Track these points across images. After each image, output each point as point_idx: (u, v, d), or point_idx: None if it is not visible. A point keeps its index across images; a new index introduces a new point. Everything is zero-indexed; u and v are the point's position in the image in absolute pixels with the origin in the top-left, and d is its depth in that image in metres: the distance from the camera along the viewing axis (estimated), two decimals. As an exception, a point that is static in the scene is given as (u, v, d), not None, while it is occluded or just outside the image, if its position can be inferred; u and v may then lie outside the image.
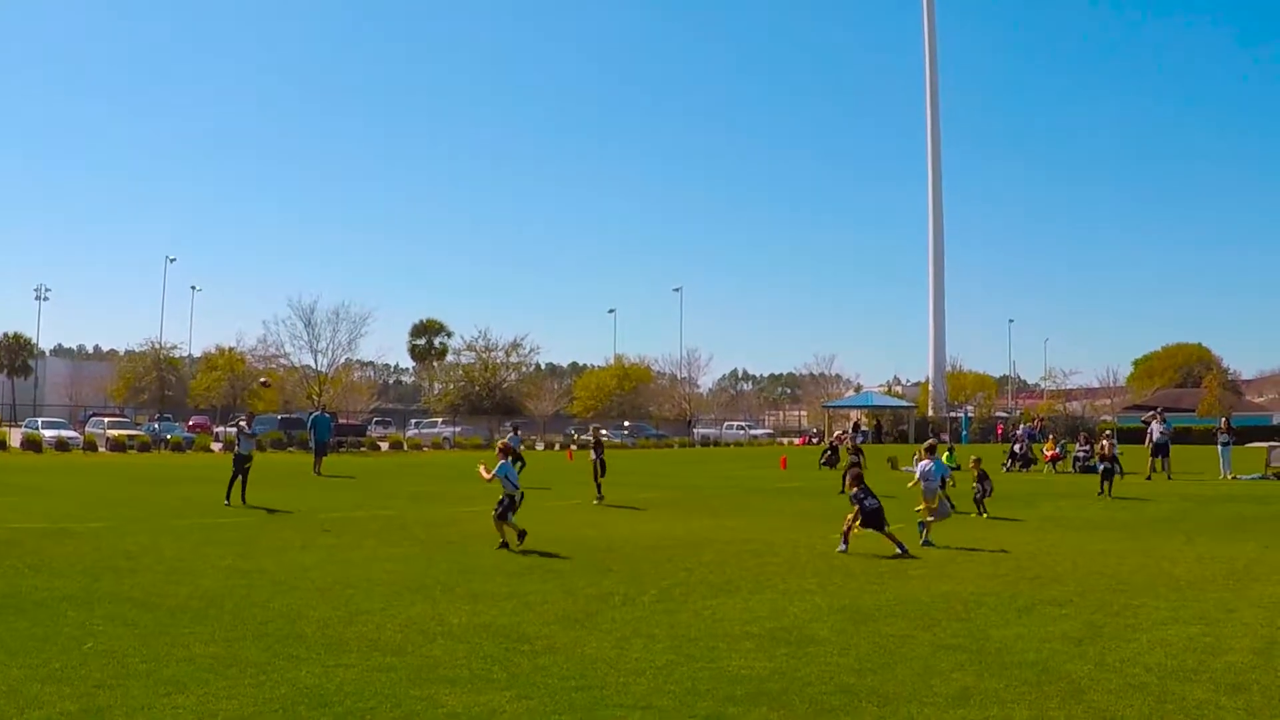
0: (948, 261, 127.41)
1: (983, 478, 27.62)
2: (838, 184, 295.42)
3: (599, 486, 31.38)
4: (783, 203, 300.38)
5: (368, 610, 13.31)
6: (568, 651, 11.24)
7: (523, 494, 21.18)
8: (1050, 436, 54.95)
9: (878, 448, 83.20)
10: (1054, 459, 48.73)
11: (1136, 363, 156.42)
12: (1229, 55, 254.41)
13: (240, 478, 28.59)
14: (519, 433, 47.11)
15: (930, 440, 26.15)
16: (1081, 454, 49.03)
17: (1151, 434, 44.53)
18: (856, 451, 36.79)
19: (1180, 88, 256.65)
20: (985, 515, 26.69)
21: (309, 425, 50.71)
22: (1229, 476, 41.76)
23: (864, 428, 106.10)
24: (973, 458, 29.87)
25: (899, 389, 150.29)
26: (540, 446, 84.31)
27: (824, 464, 52.76)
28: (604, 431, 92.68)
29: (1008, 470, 47.30)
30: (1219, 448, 44.09)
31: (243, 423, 30.79)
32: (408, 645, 11.39)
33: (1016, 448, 51.44)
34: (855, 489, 20.26)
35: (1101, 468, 34.26)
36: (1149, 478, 41.76)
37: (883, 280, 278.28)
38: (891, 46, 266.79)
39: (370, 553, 19.05)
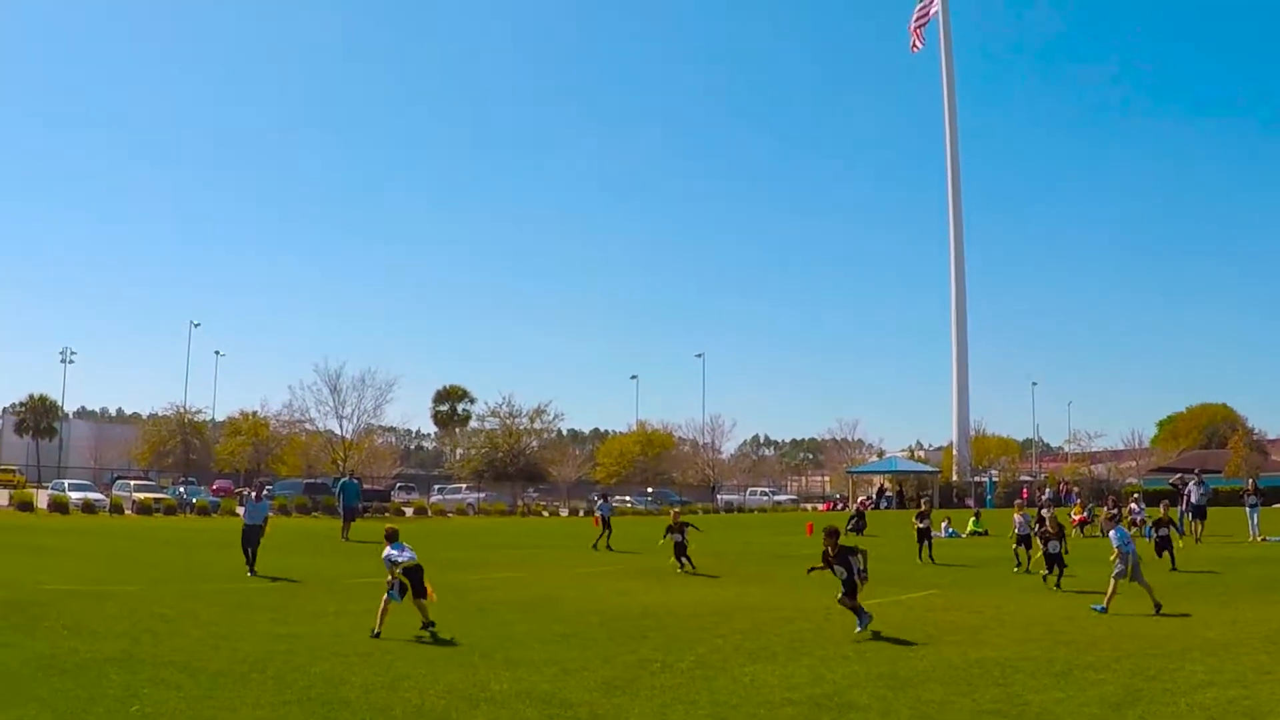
0: (970, 325, 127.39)
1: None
2: (858, 248, 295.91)
3: (683, 563, 30.29)
4: (803, 268, 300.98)
5: (409, 676, 13.38)
6: (611, 718, 11.31)
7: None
8: (1078, 500, 54.75)
9: (902, 513, 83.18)
10: (1081, 523, 48.54)
11: (1161, 424, 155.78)
12: (1252, 118, 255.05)
13: (251, 548, 27.76)
14: (609, 500, 46.35)
15: (1113, 511, 25.78)
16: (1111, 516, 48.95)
17: (1189, 496, 44.24)
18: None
19: (1204, 150, 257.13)
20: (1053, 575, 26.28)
21: (337, 491, 50.61)
22: (1258, 539, 41.54)
23: (888, 492, 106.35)
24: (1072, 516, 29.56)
25: (921, 454, 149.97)
26: (564, 513, 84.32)
27: (851, 529, 52.72)
28: (628, 499, 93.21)
29: (1035, 534, 47.08)
30: (1247, 509, 43.83)
31: (250, 493, 29.89)
32: (451, 712, 11.48)
33: (1044, 512, 51.17)
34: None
35: (1156, 535, 32.21)
36: (1198, 540, 41.43)
37: (904, 344, 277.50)
38: (912, 108, 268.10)
39: (405, 619, 19.08)
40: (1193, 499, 44.01)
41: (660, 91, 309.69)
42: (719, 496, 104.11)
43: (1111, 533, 22.06)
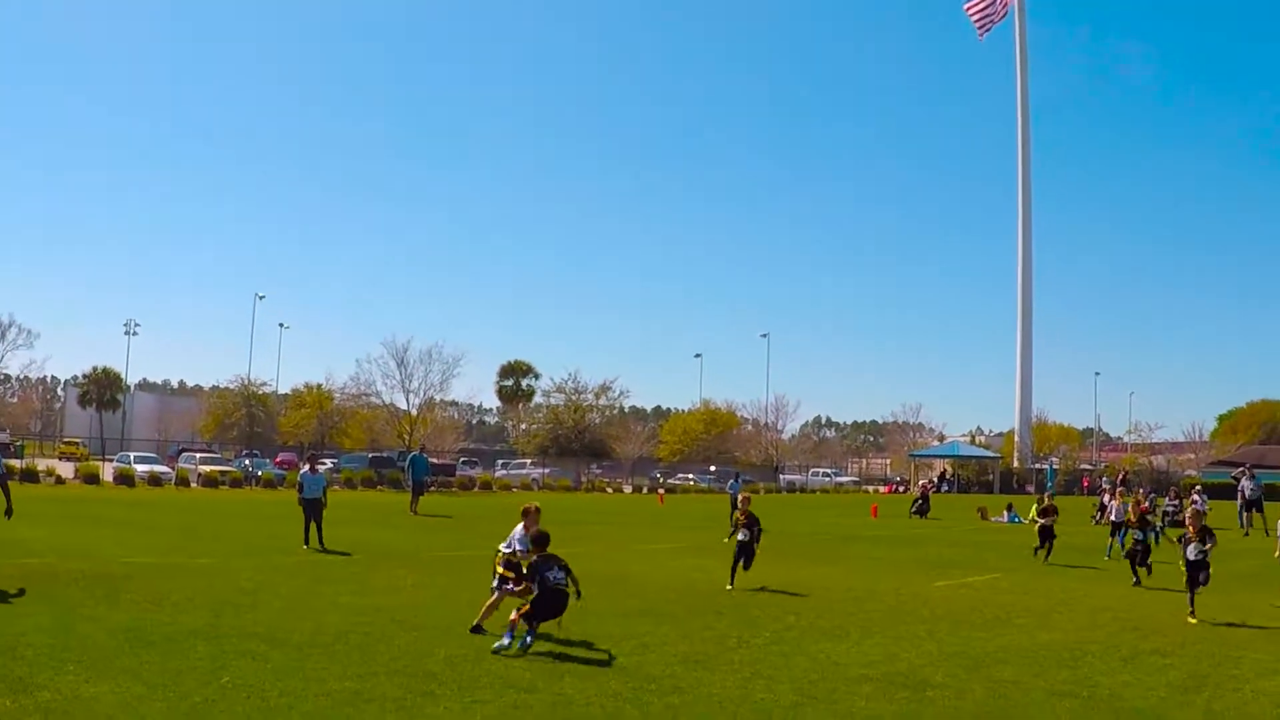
0: (1035, 314, 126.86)
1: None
2: (925, 233, 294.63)
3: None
4: (870, 251, 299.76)
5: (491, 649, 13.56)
6: (694, 691, 11.48)
7: None
8: (1137, 491, 54.39)
9: (963, 497, 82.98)
10: (1144, 513, 48.32)
11: (1221, 418, 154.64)
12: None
13: (314, 521, 27.47)
14: (739, 479, 46.48)
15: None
16: (1170, 508, 48.72)
17: (1243, 490, 44.23)
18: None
19: (1269, 145, 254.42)
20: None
21: (405, 465, 50.94)
22: None
23: (949, 476, 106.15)
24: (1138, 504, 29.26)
25: (982, 439, 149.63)
26: (628, 489, 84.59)
27: (915, 513, 52.74)
28: (690, 477, 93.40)
29: (1097, 523, 46.82)
30: None
31: (305, 468, 29.41)
32: (538, 683, 11.64)
33: (1106, 499, 50.87)
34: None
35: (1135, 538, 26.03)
36: (1246, 534, 41.42)
37: (967, 331, 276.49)
38: (983, 97, 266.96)
39: (483, 593, 19.25)
40: (1246, 493, 43.97)
41: (732, 73, 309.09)
42: (781, 476, 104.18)
43: None
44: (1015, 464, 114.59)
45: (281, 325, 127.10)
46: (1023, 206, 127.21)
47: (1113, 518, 31.75)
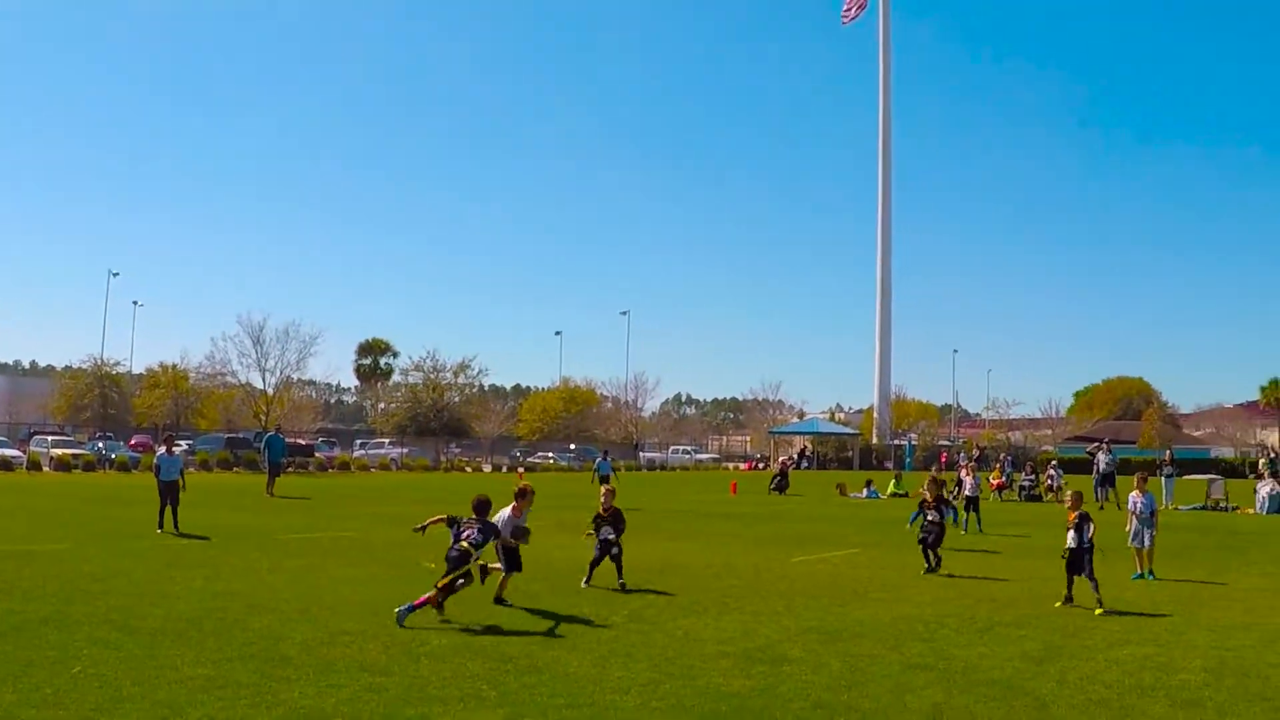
0: (894, 291, 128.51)
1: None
2: (785, 211, 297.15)
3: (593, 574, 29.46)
4: (730, 228, 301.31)
5: (348, 631, 13.46)
6: (551, 670, 11.48)
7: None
8: (996, 465, 55.44)
9: (823, 474, 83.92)
10: (1000, 487, 49.32)
11: (1077, 394, 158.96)
12: (1172, 95, 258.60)
13: (170, 505, 26.96)
14: (608, 457, 45.90)
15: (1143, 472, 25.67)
16: (1026, 483, 49.89)
17: (1098, 465, 45.23)
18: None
19: (1122, 127, 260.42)
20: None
21: (263, 445, 50.19)
22: (1172, 507, 42.37)
23: (809, 453, 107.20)
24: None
25: (841, 416, 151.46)
26: (487, 468, 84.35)
27: (774, 489, 53.19)
28: (550, 455, 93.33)
29: (954, 498, 47.54)
30: (1163, 479, 44.77)
31: (161, 450, 28.79)
32: (394, 665, 11.58)
33: (962, 475, 51.63)
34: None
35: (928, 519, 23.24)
36: (1101, 508, 42.34)
37: (827, 309, 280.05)
38: (844, 75, 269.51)
39: (339, 574, 19.18)
40: (1101, 468, 44.98)
41: (586, 51, 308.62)
42: (641, 454, 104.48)
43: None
44: (874, 440, 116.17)
45: (136, 303, 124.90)
46: (882, 184, 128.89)
47: (967, 493, 32.22)
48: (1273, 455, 65.42)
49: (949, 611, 16.04)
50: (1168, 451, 51.61)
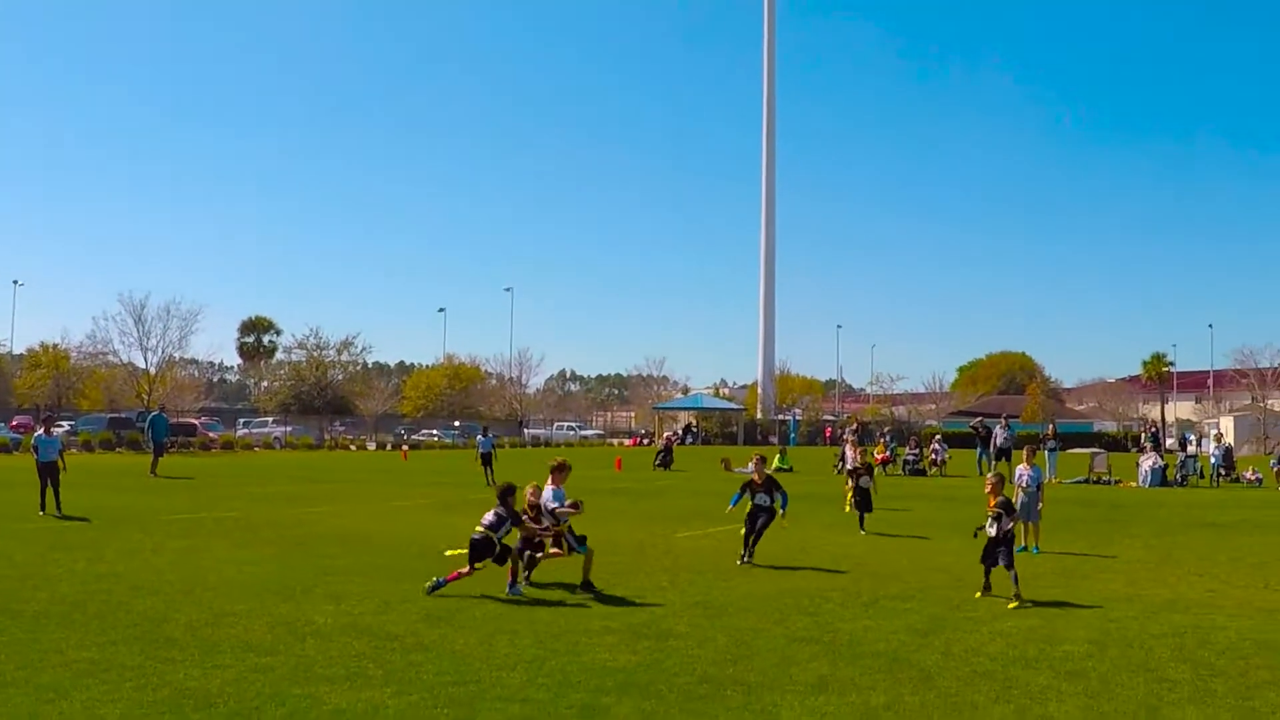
0: (778, 267, 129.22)
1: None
2: (671, 187, 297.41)
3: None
4: (616, 204, 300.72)
5: (233, 612, 13.42)
6: (437, 648, 11.53)
7: None
8: (881, 440, 56.03)
9: (707, 449, 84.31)
10: (884, 462, 49.74)
11: (961, 369, 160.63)
12: (1042, 74, 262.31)
13: (50, 486, 26.56)
14: (489, 434, 45.04)
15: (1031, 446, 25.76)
16: (911, 457, 50.47)
17: (995, 438, 45.83)
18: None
19: (1002, 103, 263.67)
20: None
21: (146, 425, 49.48)
22: (1055, 481, 43.07)
23: (694, 428, 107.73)
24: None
25: (726, 391, 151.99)
26: (371, 446, 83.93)
27: (659, 465, 53.44)
28: (435, 433, 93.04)
29: (839, 472, 47.89)
30: (1046, 453, 45.44)
31: (40, 431, 28.46)
32: (279, 645, 11.57)
33: (847, 449, 51.97)
34: None
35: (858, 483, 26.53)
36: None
37: (712, 284, 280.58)
38: (728, 50, 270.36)
39: (223, 555, 19.07)
40: (998, 441, 45.62)
41: (468, 19, 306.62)
42: (526, 431, 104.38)
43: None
44: (759, 416, 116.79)
45: (16, 282, 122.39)
46: (766, 157, 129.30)
47: (848, 466, 32.62)
48: (1154, 429, 67.02)
49: (833, 585, 16.21)
50: (1051, 425, 52.56)
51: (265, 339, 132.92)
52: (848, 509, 25.01)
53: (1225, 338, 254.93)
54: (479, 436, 43.95)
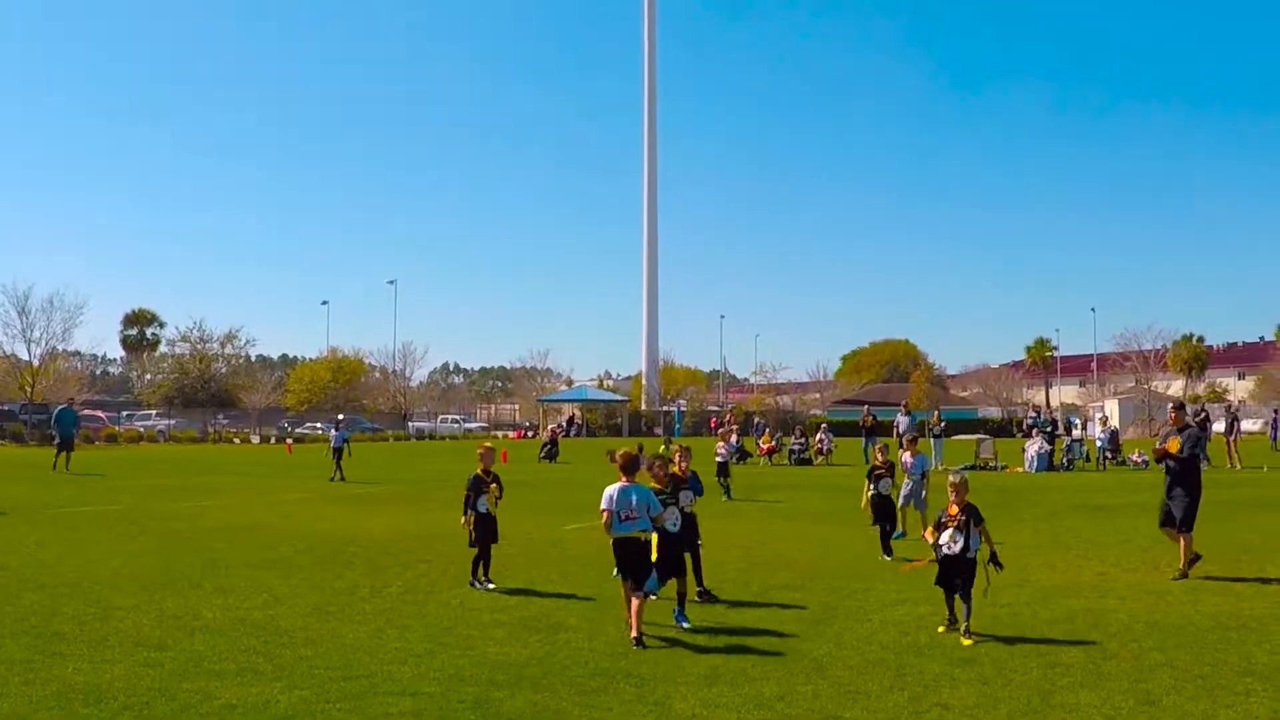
0: (660, 257, 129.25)
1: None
2: (552, 176, 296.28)
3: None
4: (497, 194, 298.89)
5: (121, 606, 13.22)
6: (327, 643, 11.42)
7: None
8: (766, 430, 56.19)
9: (593, 441, 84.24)
10: (770, 451, 50.07)
11: (845, 358, 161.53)
12: (924, 52, 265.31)
13: None
14: (344, 427, 42.94)
15: (913, 434, 25.61)
16: (796, 446, 50.67)
17: (898, 426, 45.96)
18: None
19: (882, 89, 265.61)
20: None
21: (53, 420, 47.25)
22: (940, 467, 43.51)
23: (578, 421, 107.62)
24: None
25: (610, 383, 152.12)
26: (255, 440, 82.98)
27: (544, 457, 53.30)
28: (318, 426, 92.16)
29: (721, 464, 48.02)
30: (932, 440, 45.91)
31: None
32: (169, 640, 11.42)
33: (731, 438, 52.06)
34: None
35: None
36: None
37: (595, 274, 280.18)
38: (609, 37, 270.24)
39: (109, 548, 18.78)
40: (900, 429, 45.79)
41: (349, 7, 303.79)
42: (410, 424, 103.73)
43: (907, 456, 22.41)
44: (644, 407, 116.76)
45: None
46: (648, 146, 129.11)
47: (718, 459, 32.42)
48: (1036, 414, 67.78)
49: (725, 577, 16.10)
50: (935, 412, 52.89)
51: (149, 332, 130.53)
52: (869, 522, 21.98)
53: (1108, 321, 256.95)
54: (332, 430, 42.62)
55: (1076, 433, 55.69)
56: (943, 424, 48.04)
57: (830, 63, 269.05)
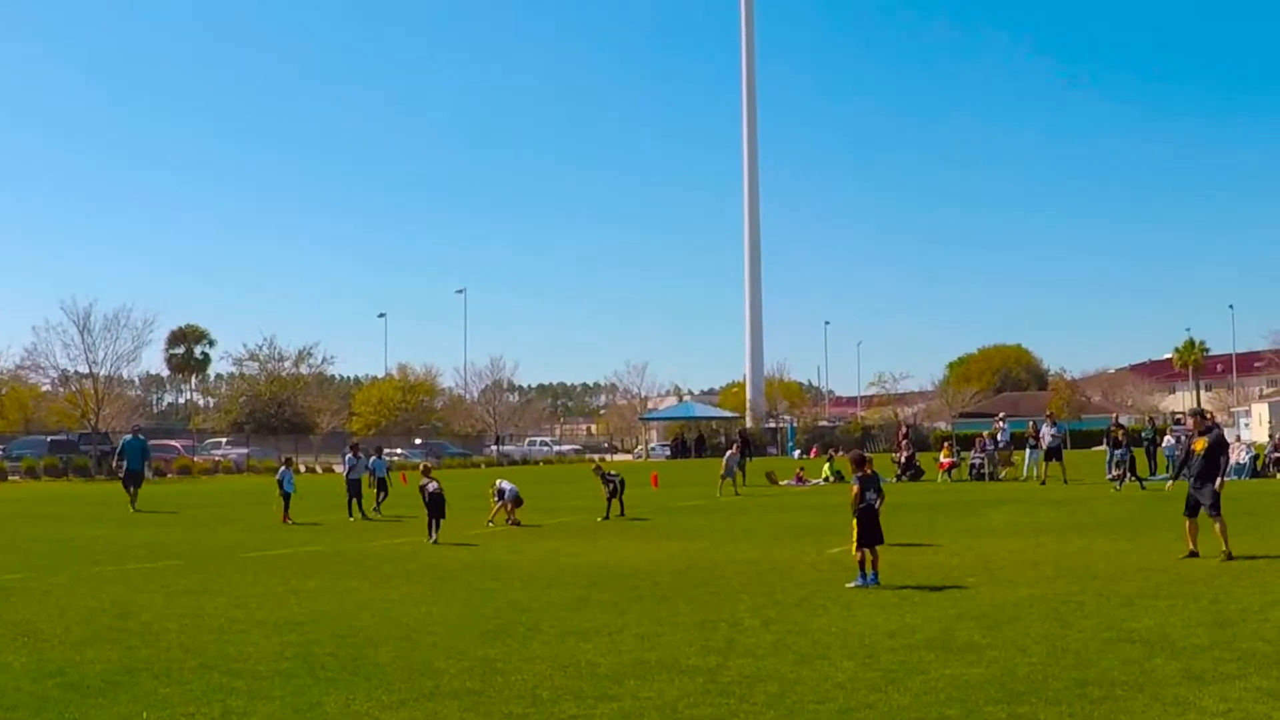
0: (764, 265, 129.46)
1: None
2: (636, 184, 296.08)
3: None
4: (578, 205, 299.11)
5: (490, 657, 13.04)
6: (807, 678, 11.17)
7: None
8: (946, 444, 55.56)
9: (707, 462, 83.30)
10: (950, 467, 49.43)
11: (952, 366, 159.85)
12: (1043, 61, 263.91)
13: None
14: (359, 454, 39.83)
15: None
16: (977, 461, 49.74)
17: (1043, 438, 45.60)
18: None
19: (997, 93, 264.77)
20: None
21: (119, 451, 45.86)
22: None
23: (686, 438, 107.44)
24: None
25: (689, 397, 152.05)
26: (339, 468, 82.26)
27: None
28: (400, 452, 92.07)
29: (898, 481, 47.47)
30: (1027, 451, 48.02)
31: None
32: (585, 689, 11.30)
33: (902, 457, 51.63)
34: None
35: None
36: (1043, 482, 43.21)
37: (692, 286, 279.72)
38: (706, 42, 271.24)
39: (371, 594, 18.50)
40: (1047, 441, 45.42)
41: (437, 16, 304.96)
42: (494, 447, 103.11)
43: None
44: (749, 424, 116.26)
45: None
46: (748, 150, 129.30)
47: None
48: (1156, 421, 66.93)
49: (1038, 595, 15.87)
50: (1030, 422, 51.38)
51: (198, 350, 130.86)
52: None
53: (1248, 320, 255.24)
54: (357, 458, 38.66)
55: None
56: (1054, 433, 46.38)
57: (937, 51, 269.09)
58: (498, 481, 32.50)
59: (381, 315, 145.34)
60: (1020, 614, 14.84)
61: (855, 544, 17.91)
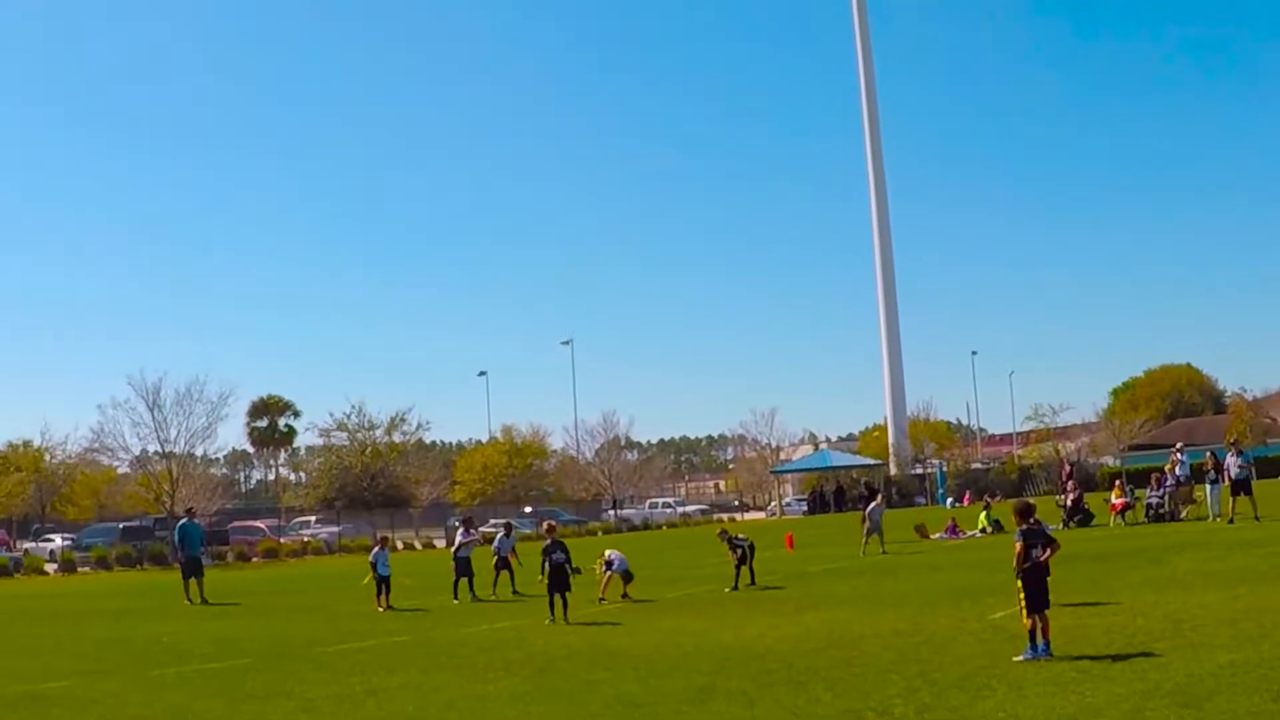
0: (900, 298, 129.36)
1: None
2: (753, 215, 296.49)
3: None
4: (669, 245, 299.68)
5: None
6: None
7: None
8: (1117, 483, 54.04)
9: (841, 517, 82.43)
10: (1123, 509, 48.14)
11: (1116, 393, 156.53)
12: (1205, 62, 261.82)
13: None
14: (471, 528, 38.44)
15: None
16: (1154, 500, 48.45)
17: (1229, 470, 44.13)
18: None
19: (1147, 98, 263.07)
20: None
21: (177, 538, 43.68)
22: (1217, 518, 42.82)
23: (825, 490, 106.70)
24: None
25: (823, 444, 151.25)
26: (440, 544, 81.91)
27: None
28: (513, 522, 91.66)
29: (1065, 528, 46.41)
30: (1208, 485, 46.13)
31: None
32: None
33: (1068, 500, 50.50)
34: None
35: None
36: (1231, 521, 41.81)
37: (818, 326, 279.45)
38: (830, 58, 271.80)
39: (472, 691, 18.04)
40: (1233, 473, 43.93)
41: (518, 51, 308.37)
42: (610, 512, 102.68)
43: None
44: (893, 471, 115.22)
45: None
46: (875, 187, 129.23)
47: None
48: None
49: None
50: (1210, 453, 49.47)
51: (282, 422, 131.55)
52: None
53: None
54: (469, 532, 38.07)
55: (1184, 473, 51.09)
56: (1240, 463, 44.20)
57: (1080, 71, 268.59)
58: (606, 552, 31.93)
59: (482, 374, 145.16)
60: (1222, 686, 14.05)
61: (1024, 609, 17.04)
